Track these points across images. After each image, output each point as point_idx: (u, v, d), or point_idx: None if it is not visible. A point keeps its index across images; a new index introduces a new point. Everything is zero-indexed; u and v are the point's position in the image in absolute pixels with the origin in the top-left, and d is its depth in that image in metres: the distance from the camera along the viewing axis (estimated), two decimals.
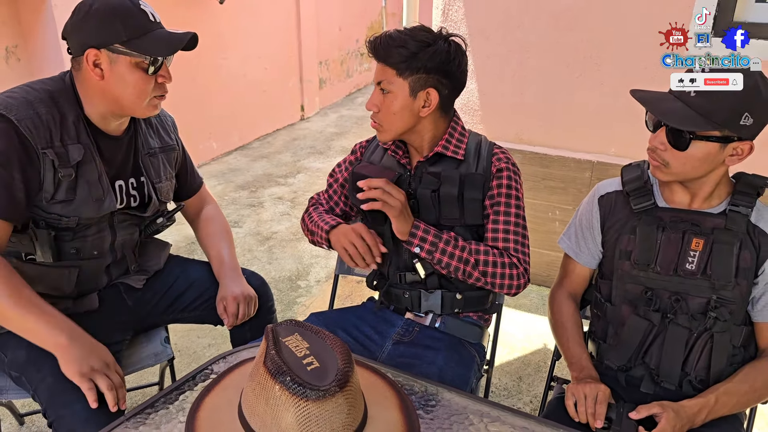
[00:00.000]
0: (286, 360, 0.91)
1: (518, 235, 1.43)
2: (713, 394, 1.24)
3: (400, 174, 1.49)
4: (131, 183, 1.51)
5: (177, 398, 1.07)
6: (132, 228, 1.55)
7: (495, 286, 1.40)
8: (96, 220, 1.44)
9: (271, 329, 0.97)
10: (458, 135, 1.48)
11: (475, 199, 1.44)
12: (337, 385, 0.88)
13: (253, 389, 0.92)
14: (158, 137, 1.59)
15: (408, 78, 1.36)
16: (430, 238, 1.39)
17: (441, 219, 1.46)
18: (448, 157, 1.46)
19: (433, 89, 1.38)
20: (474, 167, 1.45)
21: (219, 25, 4.94)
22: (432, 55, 1.34)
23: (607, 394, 1.25)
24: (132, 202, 1.51)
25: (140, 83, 1.35)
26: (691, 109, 1.17)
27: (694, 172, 1.24)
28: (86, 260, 1.46)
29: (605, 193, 1.44)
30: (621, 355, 1.37)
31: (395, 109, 1.39)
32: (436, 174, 1.45)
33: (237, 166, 4.99)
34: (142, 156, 1.53)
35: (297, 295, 2.98)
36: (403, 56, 1.34)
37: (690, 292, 1.29)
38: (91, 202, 1.39)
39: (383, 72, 1.38)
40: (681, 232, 1.30)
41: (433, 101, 1.39)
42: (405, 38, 1.34)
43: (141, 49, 1.31)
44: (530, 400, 2.23)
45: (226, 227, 1.78)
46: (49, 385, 1.29)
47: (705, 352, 1.30)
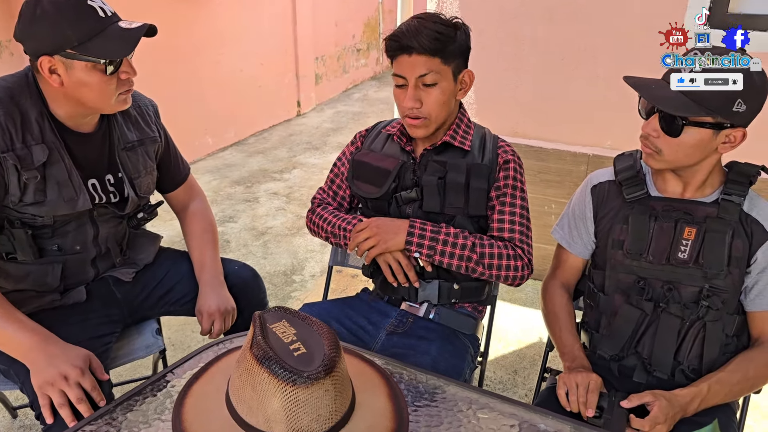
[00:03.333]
0: (272, 346, 0.90)
1: (523, 226, 1.43)
2: (706, 383, 1.24)
3: (403, 162, 1.49)
4: (108, 180, 1.46)
5: (165, 386, 1.06)
6: (115, 221, 1.52)
7: (500, 278, 1.40)
8: (75, 216, 1.41)
9: (259, 316, 0.97)
10: (465, 126, 1.48)
11: (481, 188, 1.43)
12: (323, 371, 0.88)
13: (240, 375, 0.92)
14: (137, 129, 1.52)
15: (452, 63, 1.35)
16: (426, 242, 1.39)
17: (445, 207, 1.45)
18: (454, 147, 1.46)
19: (467, 70, 1.40)
20: (480, 158, 1.45)
21: (215, 21, 4.93)
22: (463, 36, 1.35)
23: (598, 383, 1.25)
24: (111, 198, 1.47)
25: (101, 85, 1.28)
26: (684, 95, 1.16)
27: (687, 160, 1.23)
28: (69, 255, 1.44)
29: (598, 183, 1.43)
30: (613, 344, 1.37)
31: (445, 98, 1.37)
32: (442, 162, 1.45)
33: (232, 161, 4.98)
34: (119, 151, 1.47)
35: (292, 290, 2.97)
36: (446, 41, 1.31)
37: (682, 281, 1.29)
38: (63, 202, 1.35)
39: (426, 63, 1.31)
40: (673, 221, 1.29)
41: (470, 82, 1.41)
42: (436, 26, 1.31)
43: (93, 52, 1.23)
44: (525, 393, 2.22)
45: (211, 226, 1.73)
46: None
47: (697, 342, 1.29)
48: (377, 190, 1.50)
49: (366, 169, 1.53)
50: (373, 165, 1.52)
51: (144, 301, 1.61)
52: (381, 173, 1.50)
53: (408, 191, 1.47)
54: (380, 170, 1.50)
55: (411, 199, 1.48)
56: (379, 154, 1.52)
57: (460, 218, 1.45)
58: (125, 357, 1.57)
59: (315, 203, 1.66)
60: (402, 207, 1.50)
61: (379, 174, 1.50)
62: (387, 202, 1.51)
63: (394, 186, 1.49)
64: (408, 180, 1.49)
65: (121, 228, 1.56)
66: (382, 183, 1.49)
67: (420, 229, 1.40)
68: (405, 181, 1.49)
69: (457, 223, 1.45)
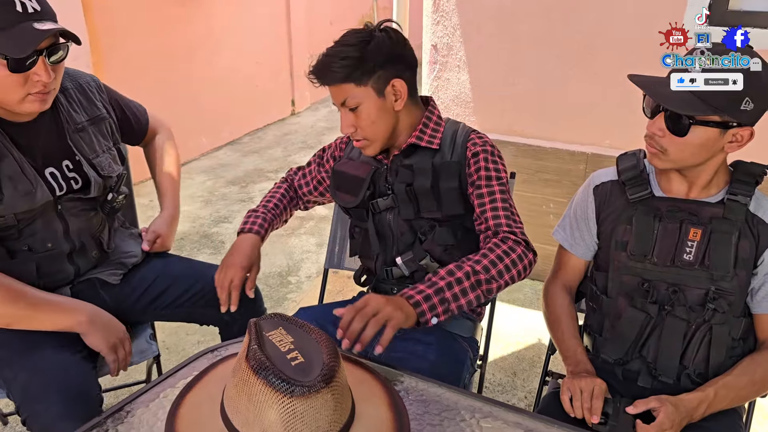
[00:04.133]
0: (269, 355, 0.87)
1: (507, 210, 1.36)
2: (712, 388, 1.21)
3: (375, 169, 1.46)
4: (66, 166, 1.41)
5: (157, 395, 1.02)
6: (86, 213, 1.48)
7: (514, 278, 1.28)
8: (39, 212, 1.37)
9: (254, 323, 0.93)
10: (434, 124, 1.43)
11: (452, 188, 1.39)
12: (322, 381, 0.84)
13: (235, 385, 0.88)
14: (83, 110, 1.47)
15: (368, 82, 1.30)
16: (435, 299, 1.17)
17: (420, 212, 1.41)
18: (423, 147, 1.42)
19: (396, 79, 1.33)
20: (449, 155, 1.41)
21: (209, 20, 4.89)
22: (376, 48, 1.29)
23: (603, 388, 1.22)
24: (74, 184, 1.43)
25: (4, 80, 1.20)
26: (691, 93, 1.14)
27: (693, 159, 1.20)
28: (42, 254, 1.40)
29: (600, 183, 1.40)
30: (617, 348, 1.34)
31: (373, 117, 1.33)
32: (410, 167, 1.41)
33: (227, 161, 4.93)
34: (70, 134, 1.42)
35: (287, 291, 2.93)
36: (352, 65, 1.28)
37: (688, 284, 1.26)
38: (21, 197, 1.30)
39: (342, 91, 1.32)
40: (678, 222, 1.26)
41: (403, 91, 1.35)
42: (343, 49, 1.29)
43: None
44: (525, 395, 2.19)
45: (173, 159, 1.78)
46: (22, 382, 1.25)
47: (703, 345, 1.27)
48: (354, 199, 1.48)
49: (344, 179, 1.51)
50: (349, 174, 1.50)
51: (134, 305, 1.57)
52: (356, 182, 1.48)
53: (384, 198, 1.45)
54: (355, 179, 1.48)
55: (388, 207, 1.45)
56: (356, 162, 1.50)
57: (439, 229, 1.41)
58: None
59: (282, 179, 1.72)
60: (381, 215, 1.47)
61: (354, 183, 1.48)
62: (365, 211, 1.49)
63: (370, 194, 1.46)
64: (382, 187, 1.46)
65: (96, 220, 1.52)
66: (357, 192, 1.47)
67: (419, 294, 1.18)
68: (380, 187, 1.46)
69: (437, 234, 1.41)
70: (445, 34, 2.75)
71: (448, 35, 2.74)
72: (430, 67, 2.85)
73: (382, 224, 1.48)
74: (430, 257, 1.43)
